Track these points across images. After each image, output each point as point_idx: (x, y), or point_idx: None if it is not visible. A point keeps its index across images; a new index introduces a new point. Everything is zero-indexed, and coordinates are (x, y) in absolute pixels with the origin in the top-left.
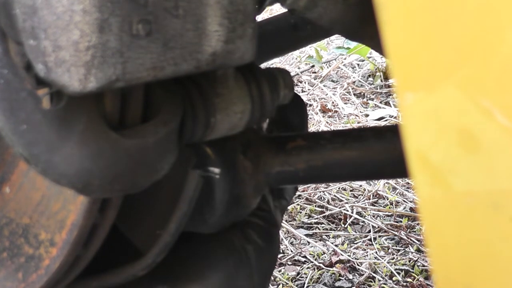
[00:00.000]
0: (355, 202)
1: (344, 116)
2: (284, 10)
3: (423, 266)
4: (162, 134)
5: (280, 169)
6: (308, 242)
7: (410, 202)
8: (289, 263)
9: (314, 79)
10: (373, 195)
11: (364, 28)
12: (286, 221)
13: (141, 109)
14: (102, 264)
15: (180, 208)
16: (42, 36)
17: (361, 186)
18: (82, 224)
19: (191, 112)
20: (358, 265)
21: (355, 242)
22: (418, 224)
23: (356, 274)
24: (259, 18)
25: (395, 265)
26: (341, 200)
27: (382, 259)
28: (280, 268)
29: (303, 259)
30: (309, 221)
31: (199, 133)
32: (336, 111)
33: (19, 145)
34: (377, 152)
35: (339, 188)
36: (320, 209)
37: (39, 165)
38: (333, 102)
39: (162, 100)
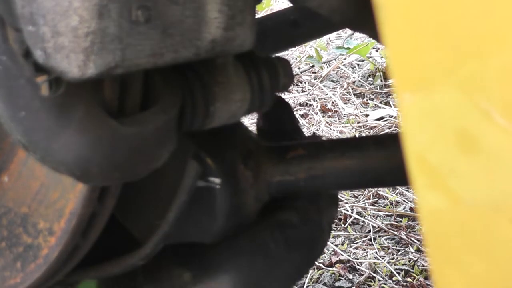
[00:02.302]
0: (355, 202)
1: (344, 116)
2: (284, 7)
3: (423, 266)
4: (161, 122)
5: (281, 178)
6: None
7: (410, 202)
8: None
9: (314, 79)
10: (373, 195)
11: (365, 18)
12: None
13: (140, 96)
14: (101, 254)
15: (178, 198)
16: (41, 22)
17: None
18: (81, 213)
19: (191, 100)
20: (358, 265)
21: (355, 242)
22: (418, 224)
23: (356, 274)
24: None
25: (395, 265)
26: (341, 200)
27: (382, 259)
28: None
29: None
30: None
31: (198, 121)
32: (336, 111)
33: (17, 132)
34: (378, 161)
35: None
36: None
37: (38, 152)
38: (333, 102)
39: (161, 88)
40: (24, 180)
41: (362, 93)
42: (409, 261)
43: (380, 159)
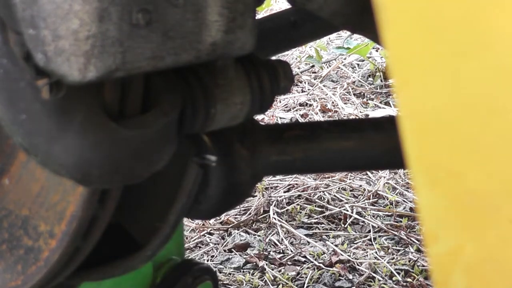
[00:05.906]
0: (355, 202)
1: (344, 116)
2: (284, 7)
3: (423, 266)
4: (161, 125)
5: (277, 158)
6: (308, 242)
7: (410, 202)
8: (289, 263)
9: (314, 79)
10: (373, 195)
11: (365, 20)
12: (286, 221)
13: (141, 99)
14: (101, 256)
15: (179, 200)
16: (42, 25)
17: (361, 186)
18: (82, 215)
19: (191, 102)
20: (358, 265)
21: (355, 242)
22: (418, 224)
23: (356, 274)
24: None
25: (395, 265)
26: (341, 200)
27: (382, 259)
28: (280, 268)
29: (303, 259)
30: (309, 221)
31: (198, 123)
32: (336, 111)
33: (18, 135)
34: (375, 143)
35: (339, 188)
36: (320, 209)
37: (39, 155)
38: (333, 102)
39: (162, 91)
40: (24, 183)
41: (362, 93)
42: (409, 261)
43: (378, 142)
